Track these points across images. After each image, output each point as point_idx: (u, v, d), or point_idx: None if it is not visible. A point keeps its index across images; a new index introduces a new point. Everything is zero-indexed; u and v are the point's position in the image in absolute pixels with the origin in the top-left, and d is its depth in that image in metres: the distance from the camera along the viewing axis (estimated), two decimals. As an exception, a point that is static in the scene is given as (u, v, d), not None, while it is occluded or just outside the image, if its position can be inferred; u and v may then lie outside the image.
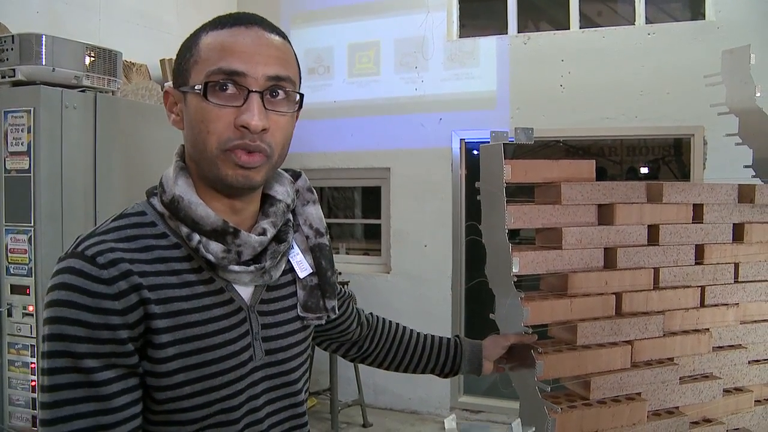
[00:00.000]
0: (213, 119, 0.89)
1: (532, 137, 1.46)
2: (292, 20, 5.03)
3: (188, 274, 0.92)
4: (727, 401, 1.66)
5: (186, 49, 0.94)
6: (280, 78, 0.91)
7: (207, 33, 0.92)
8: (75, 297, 0.82)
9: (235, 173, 0.90)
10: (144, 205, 0.96)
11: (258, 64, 0.89)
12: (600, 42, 4.23)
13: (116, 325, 0.83)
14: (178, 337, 0.88)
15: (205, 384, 0.90)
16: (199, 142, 0.91)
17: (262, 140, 0.90)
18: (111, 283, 0.84)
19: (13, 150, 2.65)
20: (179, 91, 0.94)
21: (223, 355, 0.92)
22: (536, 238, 1.61)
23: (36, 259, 2.61)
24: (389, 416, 4.66)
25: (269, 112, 0.90)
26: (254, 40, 0.91)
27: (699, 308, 1.66)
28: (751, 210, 1.74)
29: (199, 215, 0.91)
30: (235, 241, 0.92)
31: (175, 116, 0.97)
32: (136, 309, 0.85)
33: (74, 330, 0.82)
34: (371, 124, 4.81)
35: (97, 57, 2.95)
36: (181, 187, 0.93)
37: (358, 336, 1.36)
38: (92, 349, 0.83)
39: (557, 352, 1.48)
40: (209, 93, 0.89)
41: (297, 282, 1.06)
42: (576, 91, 4.26)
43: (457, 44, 4.60)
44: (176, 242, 0.93)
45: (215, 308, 0.93)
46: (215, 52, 0.90)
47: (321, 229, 1.09)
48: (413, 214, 4.70)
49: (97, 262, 0.84)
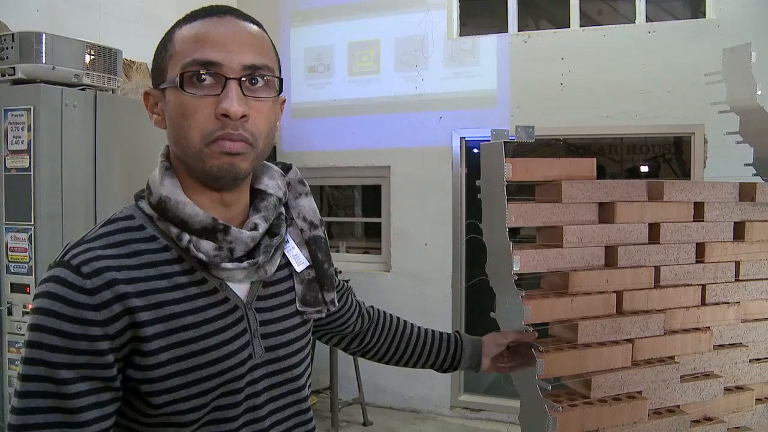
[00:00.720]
0: (193, 112, 0.87)
1: (532, 135, 1.46)
2: (293, 18, 5.03)
3: (179, 277, 0.90)
4: (728, 400, 1.66)
5: (161, 46, 0.93)
6: (256, 66, 0.89)
7: (180, 27, 0.92)
8: (57, 306, 0.82)
9: (221, 162, 0.88)
10: (132, 208, 0.95)
11: (233, 53, 0.88)
12: (600, 40, 4.22)
13: (96, 336, 0.83)
14: (171, 342, 0.87)
15: (201, 386, 0.90)
16: (181, 138, 0.89)
17: (243, 128, 0.88)
18: (94, 293, 0.83)
19: (13, 148, 2.65)
20: (158, 90, 0.93)
21: (220, 355, 0.91)
22: (537, 237, 1.60)
23: (36, 257, 2.61)
24: (389, 415, 4.66)
25: (249, 99, 0.89)
26: (228, 30, 0.90)
27: (700, 307, 1.66)
28: (752, 208, 1.73)
29: (188, 214, 0.90)
30: (226, 237, 0.91)
31: (156, 116, 0.96)
32: (119, 319, 0.84)
33: (52, 339, 0.82)
34: (371, 123, 4.80)
35: (97, 55, 2.95)
36: (168, 188, 0.92)
37: (359, 329, 1.35)
38: (68, 360, 0.82)
39: (558, 351, 1.47)
40: (186, 84, 0.87)
41: (294, 276, 1.04)
42: (576, 89, 4.26)
43: (458, 43, 4.60)
44: (166, 245, 0.92)
45: (209, 309, 0.92)
46: (189, 44, 0.89)
47: (315, 221, 1.08)
48: (413, 213, 4.70)
49: (82, 271, 0.84)
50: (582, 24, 4.37)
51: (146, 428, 0.91)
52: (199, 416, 0.91)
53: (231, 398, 0.93)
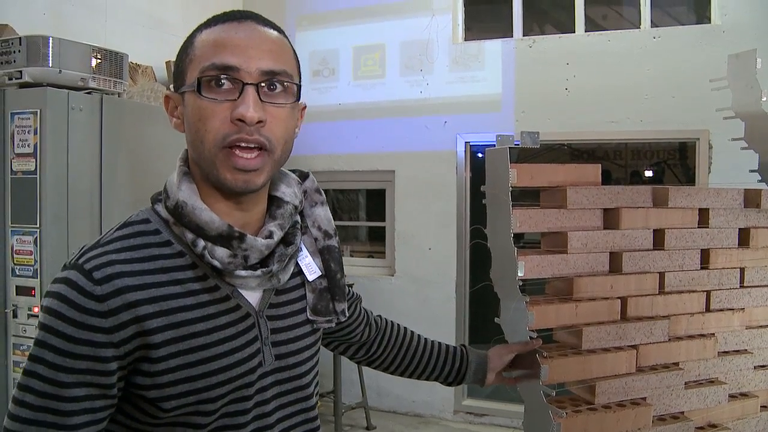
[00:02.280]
0: (209, 116, 0.87)
1: (537, 141, 1.46)
2: (298, 22, 5.04)
3: (192, 283, 0.91)
4: (732, 406, 1.66)
5: (182, 50, 0.93)
6: (274, 72, 0.89)
7: (201, 32, 0.92)
8: (64, 309, 0.83)
9: (234, 177, 0.88)
10: (148, 212, 0.95)
11: (252, 58, 0.88)
12: (605, 45, 4.22)
13: (100, 342, 0.84)
14: (181, 348, 0.88)
15: (210, 393, 0.90)
16: (197, 142, 0.89)
17: (259, 133, 0.88)
18: (103, 300, 0.84)
19: (19, 151, 2.66)
20: (178, 94, 0.93)
21: (230, 363, 0.91)
22: (541, 242, 1.60)
23: (41, 260, 2.62)
24: (393, 419, 4.65)
25: (266, 105, 0.88)
26: (247, 34, 0.89)
27: (704, 313, 1.65)
28: (757, 215, 1.73)
29: (204, 220, 0.90)
30: (241, 245, 0.91)
31: (176, 120, 0.96)
32: (126, 327, 0.85)
33: (56, 341, 0.83)
34: (376, 127, 4.81)
35: (103, 59, 2.96)
36: (185, 192, 0.92)
37: (366, 338, 1.35)
38: (68, 363, 0.83)
39: (562, 357, 1.47)
40: (203, 88, 0.87)
41: (306, 285, 1.04)
42: (581, 94, 4.26)
43: (463, 47, 4.61)
44: (180, 250, 0.92)
45: (221, 316, 0.92)
46: (209, 48, 0.89)
47: (330, 231, 1.07)
48: (418, 217, 4.70)
49: (94, 276, 0.84)
50: (587, 29, 4.38)
51: (156, 429, 0.91)
52: (208, 421, 0.91)
53: (240, 405, 0.93)
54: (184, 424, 0.90)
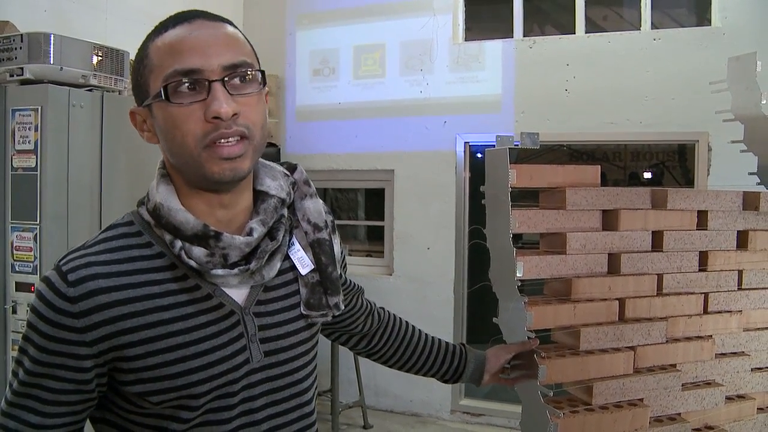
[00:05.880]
0: (183, 120, 0.88)
1: (537, 142, 1.47)
2: (298, 21, 5.04)
3: (171, 283, 0.92)
4: (729, 408, 1.66)
5: (138, 62, 0.94)
6: (236, 65, 0.90)
7: (153, 41, 0.92)
8: (42, 308, 0.88)
9: (221, 168, 0.89)
10: (133, 214, 0.98)
11: (211, 57, 0.88)
12: (605, 47, 4.23)
13: (73, 341, 0.87)
14: (158, 347, 0.89)
15: (192, 390, 0.91)
16: (176, 147, 0.90)
17: (237, 124, 0.88)
18: (74, 301, 0.87)
19: (20, 148, 2.66)
20: (143, 107, 0.94)
21: (212, 360, 0.92)
22: (540, 243, 1.61)
23: (41, 257, 2.62)
24: (390, 418, 4.66)
25: (235, 97, 0.89)
26: (201, 34, 0.90)
27: (702, 315, 1.66)
28: (755, 217, 1.74)
29: (179, 220, 0.91)
30: (218, 244, 0.91)
31: (147, 133, 0.96)
32: (99, 327, 0.87)
33: (35, 337, 0.89)
34: (376, 126, 4.81)
35: (105, 56, 2.96)
36: (162, 194, 0.94)
37: (368, 329, 1.35)
38: (44, 359, 0.88)
39: (560, 357, 1.48)
40: (171, 95, 0.88)
41: (299, 279, 1.04)
42: (581, 95, 4.26)
43: (463, 47, 4.61)
44: (160, 251, 0.93)
45: (201, 315, 0.92)
46: (167, 56, 0.89)
47: (319, 223, 1.06)
48: (417, 217, 4.71)
49: (68, 278, 0.88)
50: (587, 30, 4.38)
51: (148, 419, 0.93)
52: (193, 416, 0.92)
53: (224, 401, 0.94)
54: (171, 417, 0.92)
